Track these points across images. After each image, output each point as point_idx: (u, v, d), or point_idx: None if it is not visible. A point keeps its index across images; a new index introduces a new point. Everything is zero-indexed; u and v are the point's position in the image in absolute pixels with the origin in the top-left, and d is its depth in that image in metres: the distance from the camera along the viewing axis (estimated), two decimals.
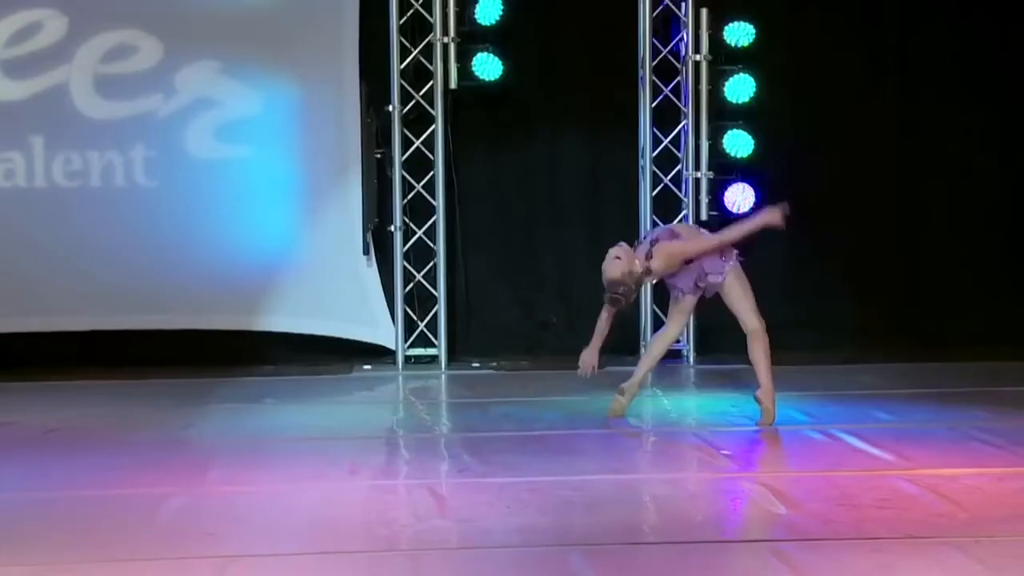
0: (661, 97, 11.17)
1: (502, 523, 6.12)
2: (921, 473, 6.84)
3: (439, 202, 11.08)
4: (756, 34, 11.05)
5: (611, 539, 5.87)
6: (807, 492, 6.54)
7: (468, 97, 11.10)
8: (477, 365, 11.06)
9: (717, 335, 11.27)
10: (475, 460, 7.42)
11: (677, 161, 11.23)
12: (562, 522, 6.12)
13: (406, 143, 11.07)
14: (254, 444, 8.07)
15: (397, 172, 11.03)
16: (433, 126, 11.04)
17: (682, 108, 11.17)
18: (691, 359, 11.17)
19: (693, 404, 9.63)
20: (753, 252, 11.19)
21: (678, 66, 11.17)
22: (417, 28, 11.07)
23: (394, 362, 11.08)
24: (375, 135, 10.95)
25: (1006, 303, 11.47)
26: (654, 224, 11.17)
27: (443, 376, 10.87)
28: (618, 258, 8.38)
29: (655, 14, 11.12)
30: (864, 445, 7.60)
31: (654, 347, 8.93)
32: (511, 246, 11.36)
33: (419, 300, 11.17)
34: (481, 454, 7.56)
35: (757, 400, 8.34)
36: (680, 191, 11.23)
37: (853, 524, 5.95)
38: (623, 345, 11.28)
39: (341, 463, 7.43)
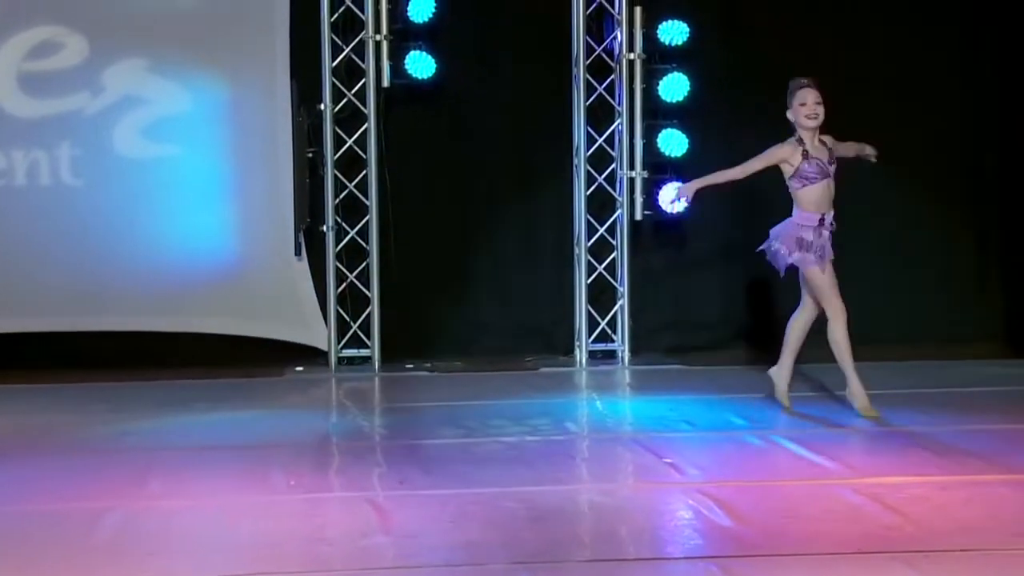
0: (595, 95, 11.11)
1: (447, 538, 6.04)
2: (865, 482, 6.83)
3: (372, 201, 10.97)
4: (690, 33, 11.01)
5: (559, 555, 5.80)
6: (752, 503, 6.51)
7: (401, 95, 10.99)
8: (411, 366, 10.96)
9: (651, 336, 11.30)
10: (416, 470, 7.34)
11: (611, 160, 11.18)
12: (508, 537, 6.04)
13: (338, 142, 10.95)
14: (190, 453, 7.94)
15: (329, 171, 10.91)
16: (366, 125, 10.92)
17: (616, 107, 11.12)
18: (625, 360, 11.12)
19: (631, 408, 9.58)
20: (690, 250, 11.33)
21: (612, 64, 11.12)
22: (349, 25, 10.95)
23: (327, 363, 10.97)
24: (307, 134, 10.82)
25: (926, 301, 11.53)
26: (588, 224, 11.14)
27: (377, 378, 10.77)
28: None
29: (589, 12, 11.06)
30: (805, 452, 7.58)
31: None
32: (444, 245, 11.26)
33: (352, 300, 11.06)
34: (421, 463, 7.48)
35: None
36: (614, 190, 11.18)
37: (801, 538, 5.92)
38: (558, 345, 11.30)
39: (279, 474, 7.30)
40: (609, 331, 11.24)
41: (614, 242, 11.20)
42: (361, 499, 6.71)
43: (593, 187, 11.16)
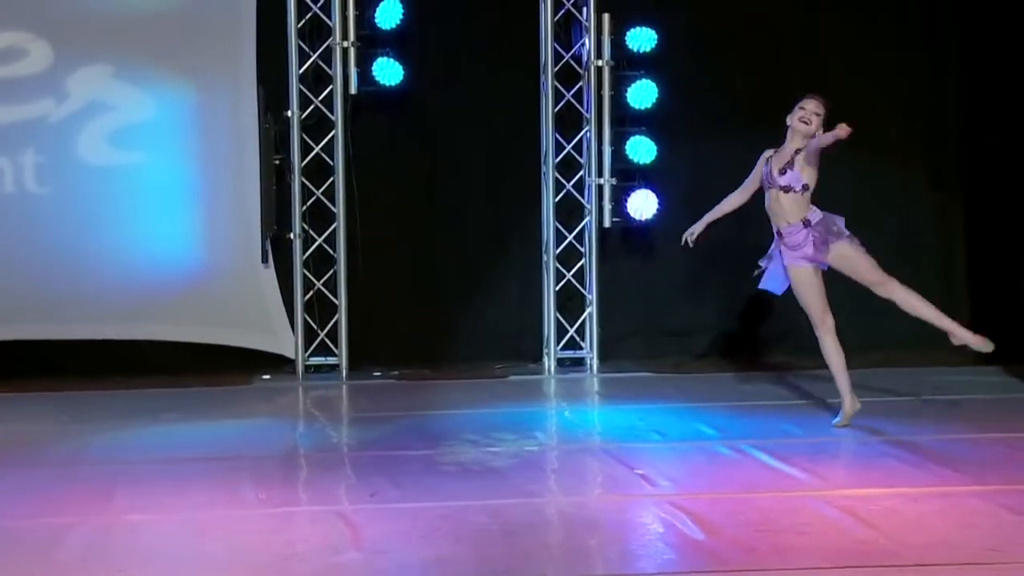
0: (563, 102, 11.07)
1: (419, 554, 5.96)
2: (837, 494, 6.79)
3: (339, 209, 10.89)
4: (658, 40, 10.99)
5: (531, 571, 5.74)
6: (725, 516, 6.45)
7: (368, 102, 10.91)
8: (378, 374, 10.89)
9: (619, 343, 11.25)
10: (385, 482, 7.26)
11: (579, 167, 11.14)
12: (480, 552, 5.97)
13: (305, 149, 10.87)
14: (157, 465, 7.85)
15: (296, 178, 10.83)
16: (333, 131, 10.85)
17: (584, 114, 11.07)
18: (594, 368, 11.07)
19: (600, 417, 9.52)
20: (659, 257, 11.27)
21: (580, 71, 11.08)
22: (316, 32, 10.88)
23: (294, 371, 10.89)
24: (274, 140, 10.75)
25: (894, 308, 11.50)
26: (557, 231, 11.10)
27: (344, 386, 10.69)
28: None
29: (556, 18, 11.02)
30: (777, 463, 7.54)
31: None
32: (412, 252, 11.20)
33: (319, 308, 10.98)
34: (391, 475, 7.40)
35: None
36: (583, 197, 11.13)
37: (775, 553, 5.87)
38: (527, 352, 11.25)
39: (249, 487, 7.23)
40: (578, 338, 11.19)
41: (582, 249, 11.16)
42: (331, 513, 6.62)
43: (561, 194, 11.11)
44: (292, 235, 10.83)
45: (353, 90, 10.77)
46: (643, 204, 10.99)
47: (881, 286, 8.65)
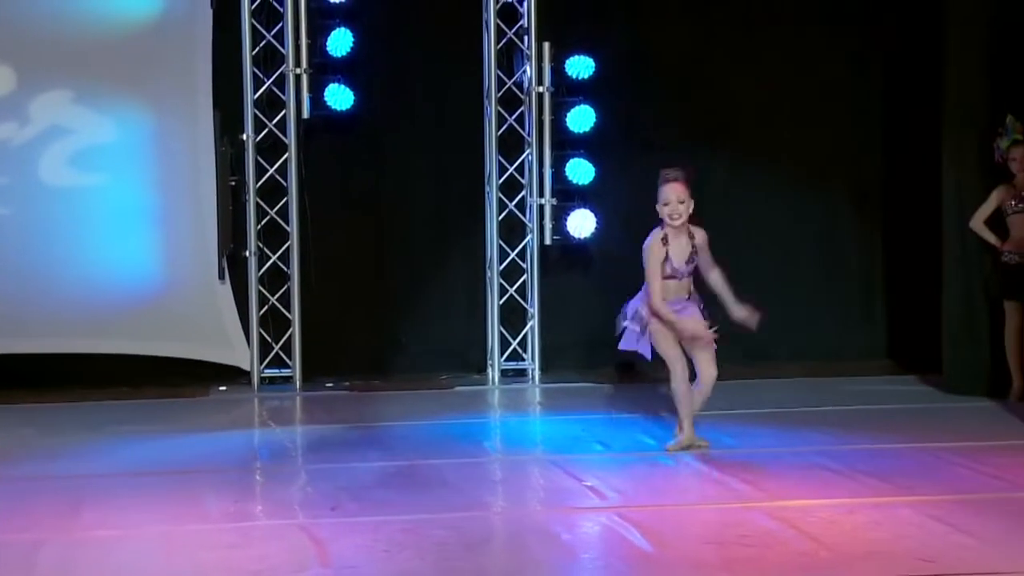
0: (506, 126, 11.00)
1: (383, 568, 5.85)
2: (776, 506, 6.73)
3: (292, 227, 10.76)
4: (596, 67, 10.94)
5: None
6: (672, 528, 6.38)
7: (320, 126, 10.79)
8: (331, 385, 10.77)
9: (560, 354, 11.18)
10: (344, 495, 7.14)
11: (521, 188, 11.07)
12: (443, 565, 5.88)
13: (260, 170, 10.73)
14: (123, 478, 7.69)
15: (251, 198, 10.69)
16: (286, 154, 10.72)
17: (526, 137, 11.00)
18: (536, 378, 10.99)
19: (546, 428, 9.43)
20: (596, 272, 11.19)
21: (522, 97, 11.01)
22: (270, 59, 10.75)
23: (250, 383, 10.74)
24: (229, 163, 10.60)
25: (824, 319, 11.53)
26: (500, 248, 11.02)
27: (298, 397, 10.55)
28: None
29: (499, 47, 10.95)
30: (717, 473, 7.49)
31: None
32: (362, 269, 11.09)
33: (273, 322, 10.84)
34: (349, 488, 7.28)
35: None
36: (525, 216, 11.06)
37: (722, 565, 5.80)
38: (472, 363, 11.16)
39: (213, 500, 7.10)
40: (520, 350, 11.12)
41: (524, 265, 11.09)
42: (295, 527, 6.49)
43: (504, 213, 11.03)
44: (247, 253, 10.69)
45: (306, 114, 10.65)
46: (582, 223, 10.94)
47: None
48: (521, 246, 11.08)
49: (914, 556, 5.85)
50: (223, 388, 10.66)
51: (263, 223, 10.77)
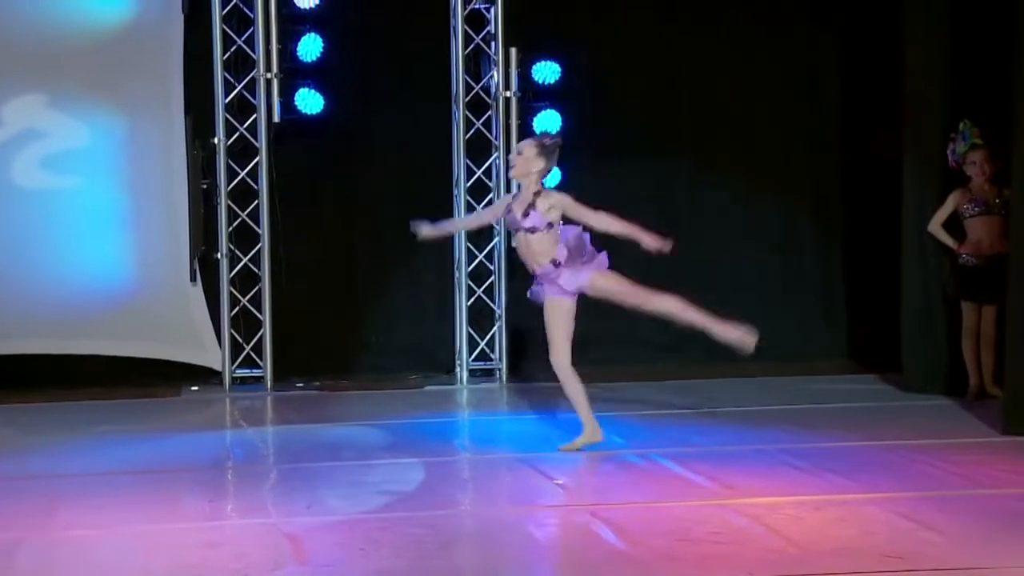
0: (473, 130, 10.94)
1: (360, 566, 5.79)
2: (744, 503, 6.70)
3: (264, 230, 10.68)
4: (561, 73, 10.93)
5: None
6: (643, 525, 6.33)
7: (291, 130, 10.69)
8: (301, 385, 10.68)
9: (526, 354, 11.12)
10: (319, 493, 7.07)
11: (489, 190, 11.01)
12: (419, 563, 5.82)
13: (231, 174, 10.64)
14: (98, 478, 7.58)
15: (223, 201, 10.59)
16: (257, 157, 10.63)
17: (493, 141, 10.96)
18: (503, 378, 10.94)
19: (515, 427, 9.36)
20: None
21: (489, 102, 10.96)
22: (241, 64, 10.65)
23: (221, 383, 10.65)
24: (201, 166, 10.50)
25: (785, 318, 11.53)
26: (468, 250, 10.98)
27: (269, 397, 10.46)
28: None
29: (467, 52, 10.89)
30: (685, 472, 7.45)
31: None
32: (332, 270, 11.02)
33: (245, 323, 10.75)
34: (323, 487, 7.21)
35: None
36: None
37: (695, 562, 5.77)
38: (440, 363, 11.09)
39: (188, 500, 7.02)
40: (488, 351, 11.07)
41: (492, 267, 11.04)
42: (271, 526, 6.43)
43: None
44: (219, 255, 10.60)
45: (276, 118, 10.55)
46: None
47: (646, 303, 8.04)
48: (489, 248, 11.03)
49: (881, 552, 5.84)
50: (195, 388, 10.57)
51: (234, 226, 10.68)
